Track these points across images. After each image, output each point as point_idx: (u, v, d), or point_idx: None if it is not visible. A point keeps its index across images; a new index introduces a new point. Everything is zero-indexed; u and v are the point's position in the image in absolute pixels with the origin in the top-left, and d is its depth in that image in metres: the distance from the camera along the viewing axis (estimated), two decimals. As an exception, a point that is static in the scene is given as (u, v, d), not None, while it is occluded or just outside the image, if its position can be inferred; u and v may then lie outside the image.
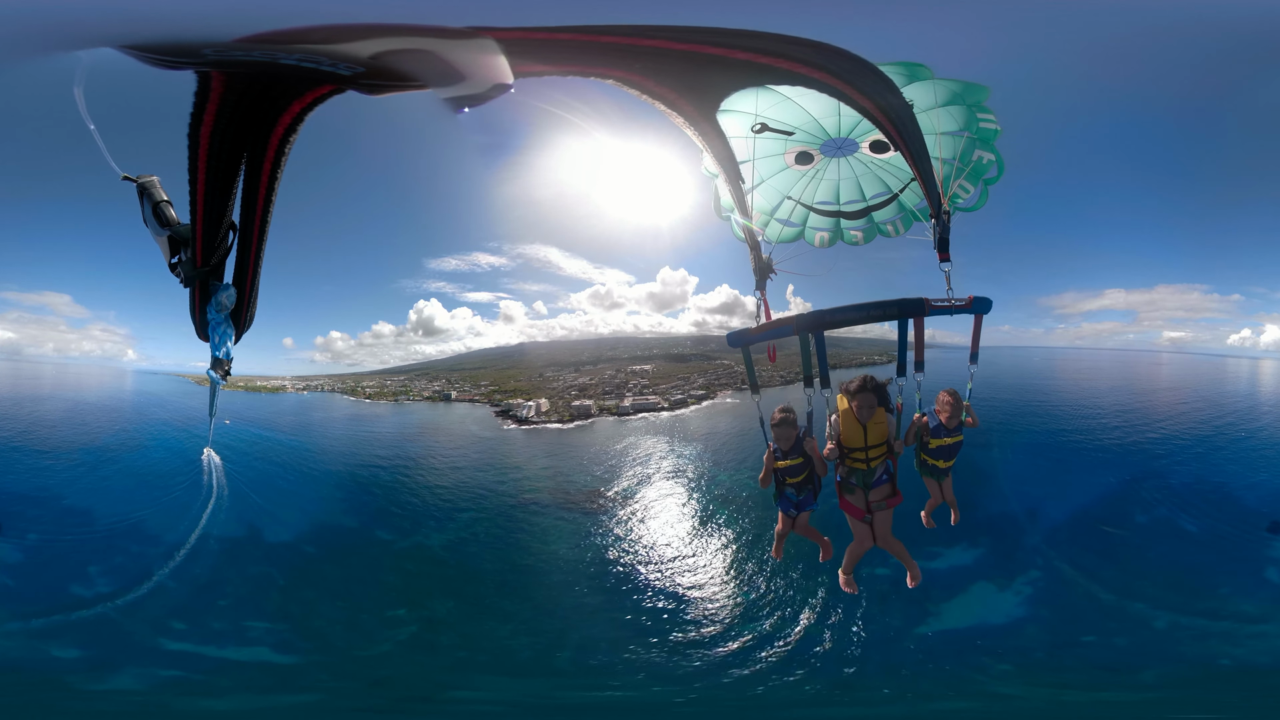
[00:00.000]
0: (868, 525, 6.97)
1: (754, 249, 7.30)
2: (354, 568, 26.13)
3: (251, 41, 3.16)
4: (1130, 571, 21.69)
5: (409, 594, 24.59)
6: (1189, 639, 19.48)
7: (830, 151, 7.78)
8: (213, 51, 3.17)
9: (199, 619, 22.40)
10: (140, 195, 4.10)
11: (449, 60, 3.59)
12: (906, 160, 6.34)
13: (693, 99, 5.39)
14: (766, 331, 6.67)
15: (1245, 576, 21.16)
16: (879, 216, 8.11)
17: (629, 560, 26.68)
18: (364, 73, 3.38)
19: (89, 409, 37.08)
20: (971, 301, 6.45)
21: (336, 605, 23.94)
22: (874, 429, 6.81)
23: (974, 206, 7.60)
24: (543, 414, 41.16)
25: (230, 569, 25.07)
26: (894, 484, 7.01)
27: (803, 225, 8.20)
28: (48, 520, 25.84)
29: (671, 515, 30.03)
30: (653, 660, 20.82)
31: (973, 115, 7.11)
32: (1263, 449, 28.50)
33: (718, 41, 4.48)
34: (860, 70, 5.14)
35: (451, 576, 25.99)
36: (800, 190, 8.08)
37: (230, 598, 23.81)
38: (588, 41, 4.19)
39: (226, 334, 4.76)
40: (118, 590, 23.15)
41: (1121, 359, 43.80)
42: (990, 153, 7.31)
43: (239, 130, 3.47)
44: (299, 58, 3.22)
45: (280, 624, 22.74)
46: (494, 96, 4.01)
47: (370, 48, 3.29)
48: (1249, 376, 40.44)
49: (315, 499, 30.41)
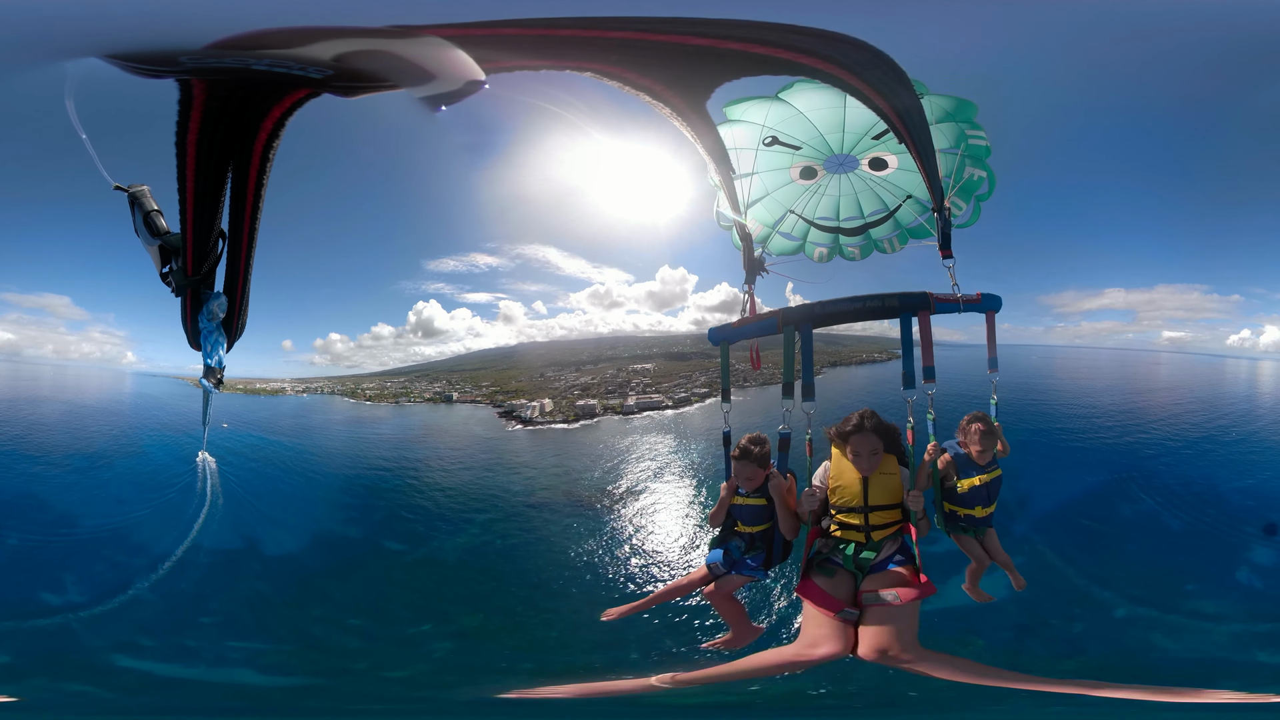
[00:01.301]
0: (842, 625, 4.36)
1: (745, 240, 7.21)
2: (363, 583, 24.95)
3: (219, 48, 3.17)
4: (1106, 561, 22.50)
5: (431, 608, 23.56)
6: (1137, 629, 20.26)
7: (832, 168, 7.90)
8: (189, 59, 3.17)
9: (172, 637, 21.43)
10: (131, 205, 4.11)
11: (412, 59, 3.56)
12: (913, 157, 6.27)
13: (678, 90, 5.09)
14: (749, 325, 5.95)
15: (1215, 576, 21.82)
16: (876, 233, 8.31)
17: (652, 556, 26.48)
18: (333, 75, 3.37)
19: (85, 412, 36.78)
20: (981, 298, 5.74)
21: (348, 624, 22.90)
22: (880, 483, 4.89)
23: (967, 223, 7.75)
24: (547, 414, 41.10)
25: (220, 584, 24.08)
26: (917, 568, 4.72)
27: (803, 240, 8.43)
28: (31, 525, 25.03)
29: (692, 510, 29.90)
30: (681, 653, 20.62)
31: (963, 133, 7.24)
32: (1255, 451, 28.88)
33: (704, 32, 4.24)
34: (872, 64, 4.90)
35: (474, 586, 24.95)
36: (803, 205, 8.27)
37: (216, 615, 22.83)
38: (552, 35, 4.04)
39: (218, 342, 4.80)
40: (90, 600, 22.22)
41: (1120, 358, 43.81)
42: (982, 170, 7.44)
43: (224, 137, 3.48)
44: (269, 63, 3.21)
45: (280, 644, 21.77)
46: (469, 94, 3.96)
47: (330, 50, 3.28)
48: (1247, 378, 40.48)
49: (316, 508, 29.42)
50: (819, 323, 5.61)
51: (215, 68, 3.28)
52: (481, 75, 3.88)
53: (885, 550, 4.76)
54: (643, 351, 51.15)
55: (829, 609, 4.55)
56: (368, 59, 3.44)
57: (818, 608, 4.58)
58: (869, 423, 4.96)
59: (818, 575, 4.83)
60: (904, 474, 5.07)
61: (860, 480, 4.89)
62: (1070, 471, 28.02)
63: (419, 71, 3.76)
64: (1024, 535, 24.14)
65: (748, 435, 5.51)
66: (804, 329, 5.45)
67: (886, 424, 5.07)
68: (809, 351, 5.40)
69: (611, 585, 24.91)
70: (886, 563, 4.74)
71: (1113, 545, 23.77)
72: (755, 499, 5.36)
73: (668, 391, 44.73)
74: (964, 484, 5.49)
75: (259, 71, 3.32)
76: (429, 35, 3.51)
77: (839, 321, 5.74)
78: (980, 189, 7.52)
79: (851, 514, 4.80)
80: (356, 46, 3.33)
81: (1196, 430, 30.67)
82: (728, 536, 5.43)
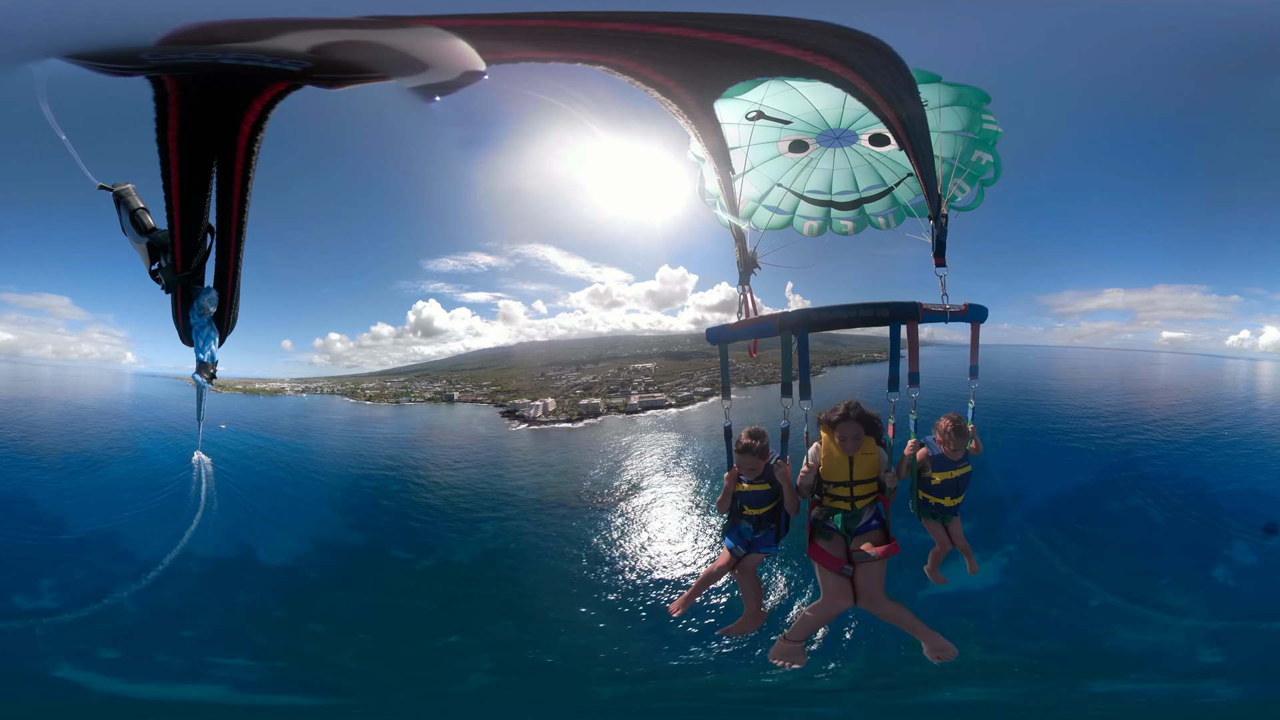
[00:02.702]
0: (847, 580, 5.56)
1: (739, 241, 7.09)
2: (373, 594, 23.86)
3: (172, 43, 3.10)
4: (1093, 553, 23.49)
5: (454, 619, 22.70)
6: (1105, 617, 21.21)
7: (827, 142, 7.60)
8: (150, 56, 3.11)
9: (142, 649, 20.46)
10: (116, 203, 4.08)
11: (403, 50, 3.50)
12: (912, 165, 6.23)
13: (692, 89, 5.08)
14: (747, 328, 6.15)
15: (1191, 572, 22.58)
16: (871, 209, 7.97)
17: (670, 547, 26.61)
18: (313, 67, 3.31)
19: (82, 413, 36.34)
20: (967, 309, 5.96)
21: (359, 639, 21.83)
22: (862, 461, 5.74)
23: (970, 206, 7.49)
24: (550, 413, 41.09)
25: (211, 595, 23.01)
26: (887, 530, 5.79)
27: (791, 213, 8.06)
28: (14, 526, 24.31)
29: (700, 502, 30.09)
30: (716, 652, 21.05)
31: (976, 116, 7.03)
32: (1245, 455, 29.15)
33: (734, 29, 4.20)
34: (885, 68, 4.83)
35: (496, 593, 24.10)
36: (791, 178, 7.93)
37: (202, 629, 21.69)
38: (577, 28, 4.00)
39: (210, 338, 4.75)
40: (63, 607, 21.40)
41: (1119, 359, 43.87)
42: (989, 154, 7.25)
43: (205, 133, 3.43)
44: (236, 57, 3.16)
45: (272, 661, 20.74)
46: (465, 85, 3.87)
47: (303, 42, 3.22)
48: (1245, 379, 40.50)
49: (318, 511, 28.47)
50: (814, 328, 5.75)
51: (183, 64, 3.23)
52: (480, 66, 3.80)
53: (865, 516, 5.78)
54: (642, 351, 51.15)
55: (834, 568, 5.61)
56: (350, 50, 3.41)
57: (825, 567, 5.65)
58: (853, 412, 5.77)
59: (819, 539, 5.80)
60: (881, 454, 5.88)
61: (846, 460, 5.74)
62: (1065, 465, 29.02)
63: (412, 62, 3.69)
64: (1017, 525, 25.26)
65: (747, 430, 5.99)
66: (800, 334, 5.70)
67: (868, 412, 5.87)
68: (805, 354, 5.73)
69: (643, 583, 24.63)
70: (867, 525, 5.76)
71: (1100, 538, 24.59)
72: (759, 485, 5.91)
73: (670, 390, 44.70)
74: (937, 477, 6.22)
75: (228, 66, 3.28)
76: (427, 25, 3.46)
77: (833, 327, 5.84)
78: (986, 174, 7.48)
79: (839, 487, 5.76)
80: (339, 37, 3.32)
81: (1190, 434, 31.05)
82: (737, 520, 5.99)
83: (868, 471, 5.76)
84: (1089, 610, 21.66)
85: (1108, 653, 20.30)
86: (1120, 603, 21.52)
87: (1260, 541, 23.36)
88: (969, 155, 7.17)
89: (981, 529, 24.97)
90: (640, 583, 24.79)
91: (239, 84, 3.25)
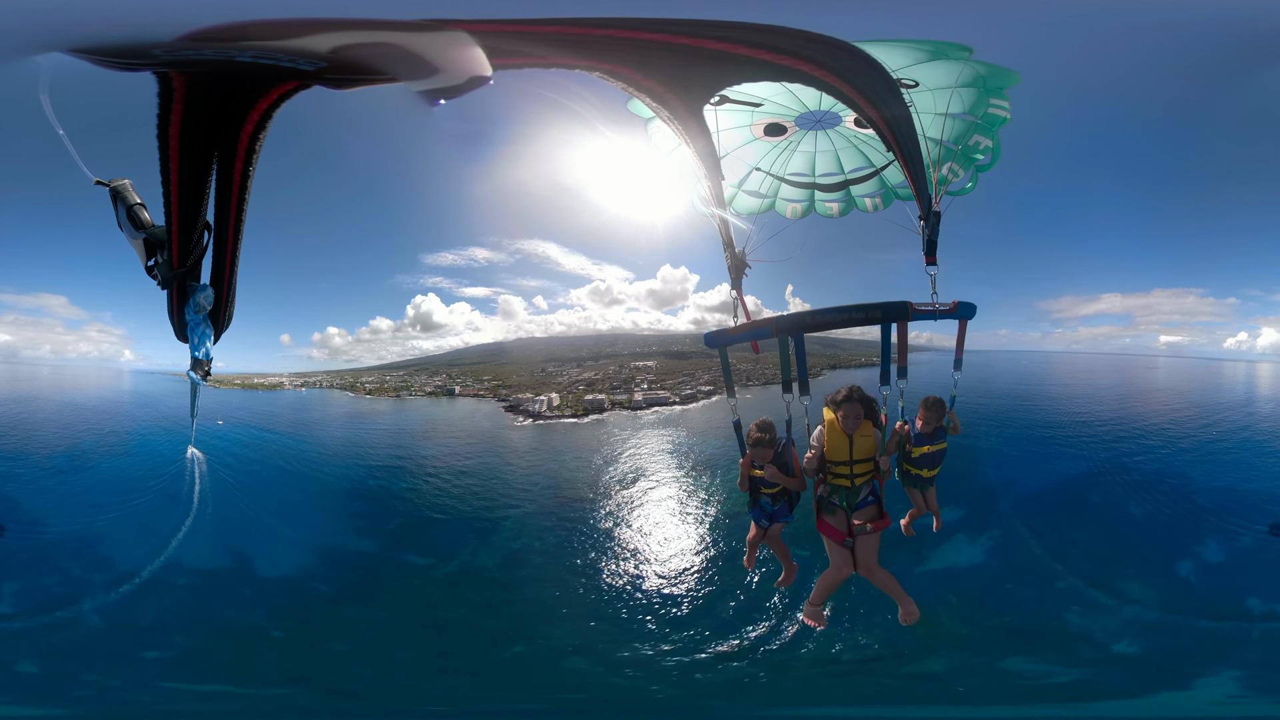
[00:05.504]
0: (848, 551, 6.41)
1: (727, 246, 7.06)
2: (397, 607, 22.04)
3: (194, 39, 3.11)
4: (1069, 539, 24.64)
5: (504, 625, 21.43)
6: (1064, 599, 22.14)
7: (808, 125, 7.53)
8: (163, 52, 3.13)
9: (80, 671, 18.43)
10: (113, 199, 4.08)
11: (416, 53, 3.52)
12: (900, 166, 6.25)
13: (680, 94, 5.18)
14: (744, 332, 6.43)
15: (1156, 563, 23.38)
16: (857, 191, 7.87)
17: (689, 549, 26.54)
18: (326, 68, 3.33)
19: (76, 411, 35.29)
20: (955, 307, 6.35)
21: (394, 657, 19.88)
22: (860, 442, 6.44)
23: (963, 190, 7.44)
24: (554, 409, 41.14)
25: (194, 610, 20.99)
26: (881, 506, 6.56)
27: (773, 197, 7.95)
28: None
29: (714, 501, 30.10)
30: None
31: (984, 99, 6.91)
32: (1235, 451, 29.53)
33: (715, 35, 4.33)
34: (862, 71, 4.97)
35: (537, 594, 22.91)
36: (770, 162, 7.81)
37: (174, 650, 19.45)
38: (572, 34, 4.08)
39: (205, 334, 4.76)
40: (18, 614, 19.62)
41: (1117, 363, 43.90)
42: (989, 139, 7.15)
43: (208, 130, 3.43)
44: (254, 55, 3.17)
45: (266, 688, 18.91)
46: (471, 89, 3.90)
47: (325, 42, 3.24)
48: (1243, 380, 40.51)
49: (320, 519, 26.69)
50: (809, 330, 6.14)
51: (193, 60, 3.22)
52: (488, 70, 3.82)
53: (863, 492, 6.52)
54: (642, 349, 51.11)
55: (838, 540, 6.44)
56: (365, 52, 3.41)
57: (831, 539, 6.47)
58: (856, 394, 6.48)
59: (825, 514, 6.58)
60: (877, 435, 6.57)
61: (846, 440, 6.43)
62: (1054, 461, 30.14)
63: (423, 65, 3.70)
64: (1004, 512, 26.52)
65: (755, 423, 6.69)
66: (796, 337, 6.16)
67: (868, 396, 6.55)
68: (802, 355, 6.26)
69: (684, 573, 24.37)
70: (864, 501, 6.51)
71: (1078, 526, 25.54)
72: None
73: (673, 388, 44.73)
74: (916, 451, 7.14)
75: (243, 64, 3.28)
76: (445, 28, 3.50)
77: (827, 328, 6.08)
78: (983, 158, 7.25)
79: (840, 466, 6.48)
80: (357, 39, 3.31)
81: (1179, 435, 31.42)
82: (757, 497, 6.90)
83: (865, 452, 6.46)
84: (1054, 592, 22.62)
85: (1051, 632, 21.04)
86: (1081, 585, 22.44)
87: (1233, 541, 23.85)
88: (966, 139, 7.12)
89: (973, 514, 26.31)
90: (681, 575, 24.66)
91: (248, 82, 3.27)
